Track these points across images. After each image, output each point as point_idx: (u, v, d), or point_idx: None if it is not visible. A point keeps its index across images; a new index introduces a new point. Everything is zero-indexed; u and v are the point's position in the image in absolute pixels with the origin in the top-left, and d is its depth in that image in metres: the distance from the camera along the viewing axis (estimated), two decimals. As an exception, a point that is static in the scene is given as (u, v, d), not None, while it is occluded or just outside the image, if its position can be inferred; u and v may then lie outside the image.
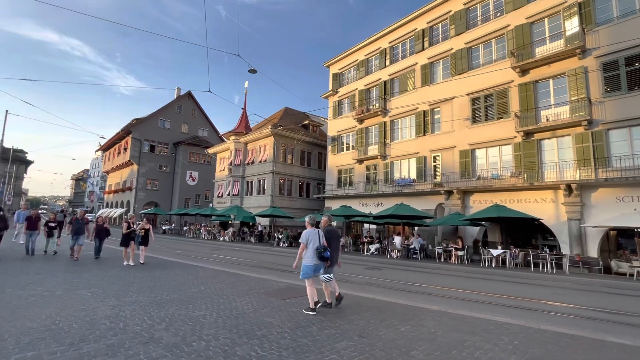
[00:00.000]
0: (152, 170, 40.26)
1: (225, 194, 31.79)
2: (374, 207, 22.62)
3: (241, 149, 30.38)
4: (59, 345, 3.60)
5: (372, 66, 25.71)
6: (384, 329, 4.66)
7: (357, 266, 13.13)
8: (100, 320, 4.49)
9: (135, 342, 3.76)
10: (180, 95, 44.30)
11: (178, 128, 42.85)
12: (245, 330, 4.39)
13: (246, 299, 6.21)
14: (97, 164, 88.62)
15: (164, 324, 4.49)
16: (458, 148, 19.24)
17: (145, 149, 39.84)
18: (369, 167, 24.51)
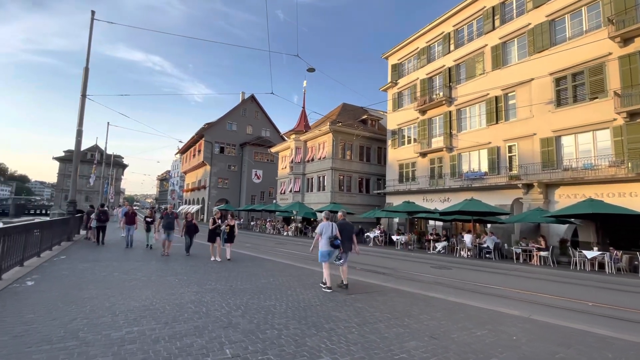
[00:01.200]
0: (223, 169, 43.87)
1: (287, 191, 33.12)
2: (439, 203, 21.37)
3: (301, 147, 31.30)
4: (156, 323, 4.14)
5: (434, 53, 24.19)
6: (457, 331, 4.37)
7: (423, 265, 12.57)
8: (186, 305, 5.04)
9: (217, 326, 4.13)
10: (245, 99, 47.35)
11: (243, 130, 45.91)
12: (313, 322, 4.51)
13: (312, 292, 6.38)
14: (177, 165, 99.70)
15: (239, 311, 4.86)
16: (538, 136, 17.05)
17: (216, 151, 43.59)
18: (433, 160, 23.20)
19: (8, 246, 6.20)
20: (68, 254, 9.89)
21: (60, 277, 6.55)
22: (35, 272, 6.88)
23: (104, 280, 6.54)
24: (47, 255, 9.15)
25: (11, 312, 4.35)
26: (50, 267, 7.56)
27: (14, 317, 4.14)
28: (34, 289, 5.56)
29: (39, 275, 6.67)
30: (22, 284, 5.85)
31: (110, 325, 4.01)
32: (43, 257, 8.79)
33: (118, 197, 68.07)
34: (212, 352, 3.36)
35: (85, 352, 3.24)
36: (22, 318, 4.12)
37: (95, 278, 6.66)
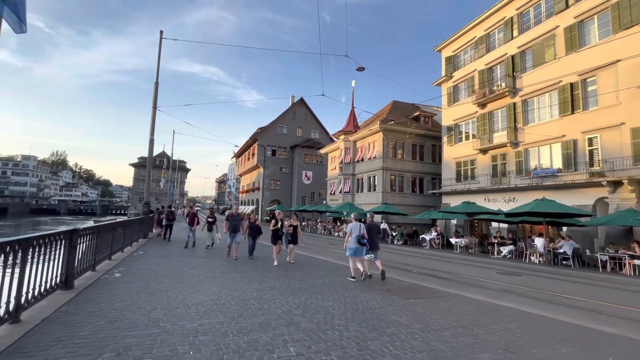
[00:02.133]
0: (275, 171, 45.59)
1: (337, 192, 33.19)
2: (503, 204, 19.62)
3: (350, 147, 31.16)
4: (224, 317, 4.39)
5: (494, 41, 22.32)
6: (537, 346, 3.92)
7: (487, 270, 11.62)
8: (249, 301, 5.26)
9: (279, 324, 4.24)
10: (294, 103, 48.68)
11: (294, 132, 47.21)
12: (373, 325, 4.40)
13: (370, 294, 6.25)
14: (233, 168, 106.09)
15: (299, 310, 4.93)
16: (628, 125, 14.72)
17: (268, 154, 45.48)
18: (495, 157, 21.40)
19: (100, 242, 7.11)
20: (145, 250, 11.04)
21: (140, 271, 7.33)
22: (120, 265, 7.79)
23: (176, 274, 7.15)
24: (128, 250, 10.33)
25: (106, 299, 4.96)
26: (132, 261, 8.50)
27: (108, 304, 4.71)
28: (121, 280, 6.29)
29: (124, 268, 7.53)
30: (112, 275, 6.65)
31: (184, 316, 4.34)
32: (125, 252, 9.94)
33: (182, 199, 74.65)
34: (277, 349, 3.44)
35: (166, 340, 3.54)
36: (114, 305, 4.67)
37: (169, 272, 7.32)
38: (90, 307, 4.51)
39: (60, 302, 4.64)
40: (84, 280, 5.90)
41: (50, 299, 4.65)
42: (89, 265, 6.44)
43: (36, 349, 3.18)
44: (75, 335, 3.54)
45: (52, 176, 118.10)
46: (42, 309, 4.27)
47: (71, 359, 3.01)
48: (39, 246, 4.12)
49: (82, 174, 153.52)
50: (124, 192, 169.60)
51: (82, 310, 4.37)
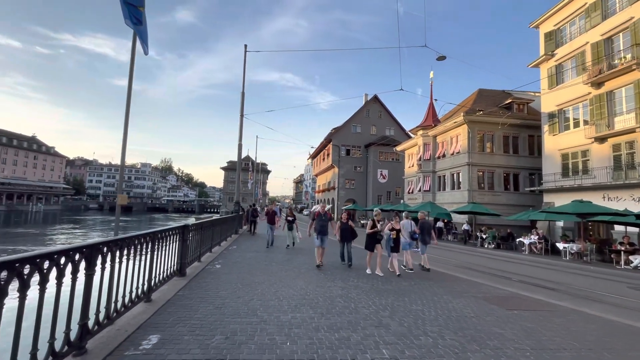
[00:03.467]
0: (349, 171, 45.79)
1: (416, 190, 31.61)
2: (632, 203, 16.00)
3: (430, 142, 29.32)
4: (314, 312, 4.53)
5: (613, 5, 18.35)
6: None
7: (612, 283, 9.61)
8: (336, 298, 5.33)
9: (368, 324, 4.18)
10: (368, 101, 48.12)
11: (368, 131, 46.69)
12: (472, 336, 4.01)
13: (462, 301, 5.74)
14: (309, 169, 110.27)
15: (387, 311, 4.80)
16: None
17: (342, 153, 45.94)
18: (617, 146, 17.57)
19: (203, 237, 8.11)
20: (237, 244, 12.22)
21: (236, 264, 8.11)
22: (219, 258, 8.76)
23: (265, 268, 7.70)
24: (224, 244, 11.57)
25: (211, 287, 5.62)
26: (228, 255, 9.47)
27: (213, 292, 5.32)
28: (221, 271, 7.05)
29: (223, 260, 8.45)
30: (214, 266, 7.52)
31: (278, 308, 4.62)
32: (222, 245, 11.15)
33: (265, 198, 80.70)
34: (370, 350, 3.39)
35: (264, 329, 3.81)
36: (218, 293, 5.25)
37: (259, 266, 7.93)
38: (200, 294, 5.15)
39: (178, 287, 5.42)
40: (193, 270, 6.79)
41: (170, 284, 5.46)
42: (195, 256, 7.40)
43: (164, 325, 3.75)
44: (192, 317, 4.08)
45: (162, 180, 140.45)
46: (165, 291, 5.05)
47: (192, 337, 3.46)
48: (161, 239, 4.88)
49: (183, 178, 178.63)
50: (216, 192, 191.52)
51: (194, 296, 5.02)
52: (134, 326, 3.64)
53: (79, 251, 2.87)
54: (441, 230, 24.76)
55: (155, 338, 3.38)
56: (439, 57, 14.63)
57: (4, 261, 2.07)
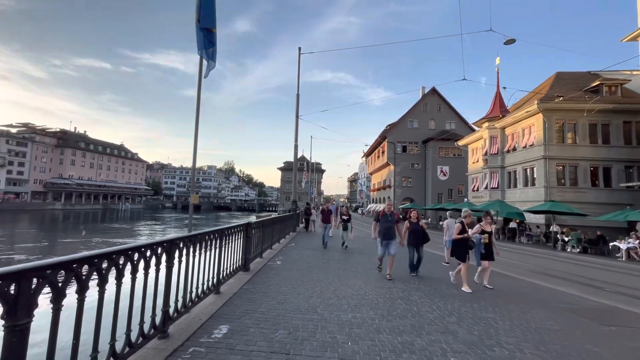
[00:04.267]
0: (406, 168, 44.13)
1: (482, 188, 29.17)
2: None
3: (497, 135, 26.79)
4: (374, 313, 4.42)
5: None
6: None
7: None
8: (397, 300, 5.15)
9: (433, 329, 3.94)
10: (425, 94, 45.80)
11: (425, 125, 44.47)
12: (558, 352, 3.53)
13: (542, 312, 5.10)
14: (363, 167, 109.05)
15: (453, 317, 4.48)
16: None
17: (398, 150, 44.46)
18: None
19: (264, 234, 8.50)
20: (296, 242, 12.57)
21: (295, 261, 8.34)
22: (279, 255, 9.10)
23: (323, 267, 7.78)
24: (283, 242, 11.99)
25: (273, 282, 5.85)
26: (287, 252, 9.79)
27: (275, 287, 5.52)
28: (282, 268, 7.31)
29: (283, 257, 8.76)
30: (275, 263, 7.83)
31: (338, 307, 4.61)
32: (281, 243, 11.58)
33: (320, 197, 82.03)
34: (436, 357, 3.20)
35: (325, 327, 3.83)
36: (280, 289, 5.43)
37: (317, 264, 8.03)
38: (263, 288, 5.39)
39: (243, 281, 5.75)
40: (255, 265, 7.15)
41: (236, 278, 5.82)
42: (257, 252, 7.79)
43: (232, 317, 3.99)
44: (256, 310, 4.28)
45: (225, 181, 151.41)
46: (232, 285, 5.39)
47: (257, 329, 3.63)
48: (227, 235, 5.22)
49: (244, 178, 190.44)
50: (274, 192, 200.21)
51: (258, 290, 5.27)
52: (207, 315, 3.94)
53: (161, 245, 3.19)
54: (514, 231, 22.59)
55: (225, 328, 3.61)
56: (507, 41, 13.27)
57: (102, 253, 2.38)
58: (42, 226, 39.03)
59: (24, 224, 40.28)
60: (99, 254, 2.33)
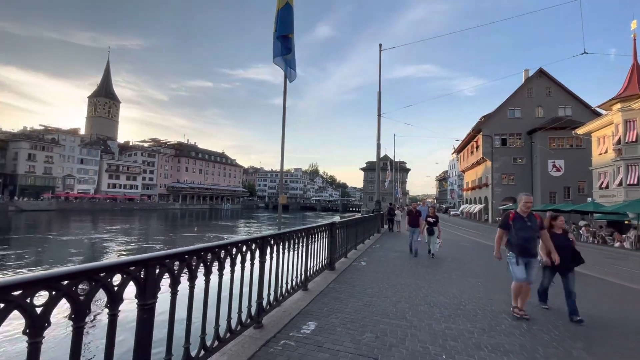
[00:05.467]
0: (506, 164, 38.80)
1: (613, 184, 23.58)
2: None
3: (636, 118, 21.30)
4: (472, 326, 3.94)
5: None
6: None
7: None
8: (500, 315, 4.49)
9: (551, 354, 3.30)
10: (530, 77, 39.48)
11: (531, 114, 38.33)
12: None
13: None
14: (454, 164, 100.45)
15: (579, 342, 3.67)
16: None
17: (496, 144, 39.40)
18: None
19: (348, 234, 8.52)
20: (380, 243, 12.28)
21: (380, 262, 8.12)
22: (364, 256, 8.99)
23: (411, 270, 7.36)
24: (367, 243, 11.84)
25: (358, 283, 5.79)
26: (372, 253, 9.61)
27: (361, 288, 5.45)
28: (367, 269, 7.20)
29: (368, 258, 8.63)
30: (359, 263, 7.77)
31: (429, 315, 4.27)
32: (366, 244, 11.45)
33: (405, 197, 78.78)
34: (557, 389, 2.64)
35: (415, 335, 3.58)
36: (366, 290, 5.34)
37: (405, 267, 7.65)
38: (349, 289, 5.38)
39: (329, 279, 5.84)
40: (340, 265, 7.21)
41: (322, 276, 5.95)
42: (342, 252, 7.84)
43: (319, 314, 4.07)
44: (343, 310, 4.28)
45: (310, 182, 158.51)
46: (318, 283, 5.53)
47: (344, 329, 3.62)
48: (313, 234, 5.37)
49: (328, 180, 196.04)
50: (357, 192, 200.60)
51: (344, 290, 5.28)
52: (296, 311, 4.11)
53: (255, 242, 3.45)
54: None
55: (312, 325, 3.70)
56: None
57: (207, 247, 2.68)
58: (167, 222, 47.36)
59: (154, 220, 49.54)
60: (204, 248, 2.63)
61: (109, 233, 30.45)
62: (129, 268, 1.94)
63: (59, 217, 47.62)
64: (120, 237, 28.25)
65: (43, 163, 63.20)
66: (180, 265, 2.37)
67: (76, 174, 69.26)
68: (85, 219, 45.11)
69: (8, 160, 60.92)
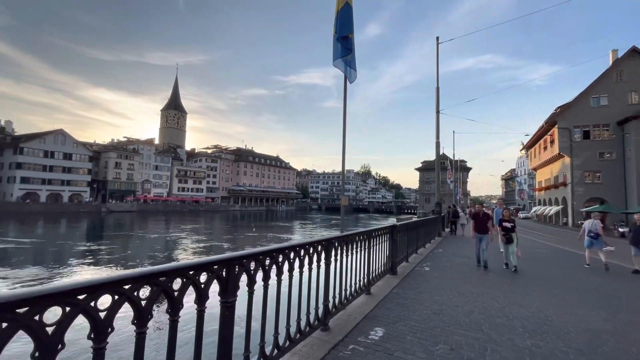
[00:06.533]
0: (590, 160, 33.84)
1: None
2: None
3: None
4: (565, 345, 3.45)
5: None
6: None
7: None
8: (601, 334, 3.86)
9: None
10: (619, 58, 34.02)
11: (621, 100, 32.94)
12: None
13: None
14: (522, 162, 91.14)
15: None
16: None
17: (576, 137, 34.63)
18: None
19: (409, 238, 8.16)
20: (443, 248, 11.56)
21: (445, 268, 7.62)
22: (427, 260, 8.54)
23: (482, 278, 6.78)
24: (428, 247, 11.24)
25: (424, 290, 5.49)
26: (435, 258, 9.08)
27: (427, 295, 5.16)
28: (431, 275, 6.80)
29: (431, 263, 8.17)
30: (422, 269, 7.38)
31: (510, 329, 3.85)
32: (427, 248, 10.87)
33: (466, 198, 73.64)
34: None
35: (496, 350, 3.25)
36: (433, 297, 5.03)
37: (474, 274, 7.07)
38: (414, 295, 5.12)
39: (391, 284, 5.64)
40: (402, 269, 6.92)
41: (384, 280, 5.77)
42: (403, 256, 7.52)
43: (386, 320, 3.93)
44: (410, 317, 4.07)
45: (363, 184, 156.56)
46: (381, 287, 5.37)
47: (414, 338, 3.43)
48: (374, 237, 5.22)
49: (380, 181, 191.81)
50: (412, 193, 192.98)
51: (409, 296, 5.04)
52: (361, 315, 4.02)
53: (320, 244, 3.45)
54: None
55: (380, 331, 3.58)
56: None
57: (278, 248, 2.74)
58: (229, 222, 50.70)
59: (217, 221, 53.39)
60: (276, 249, 2.69)
61: (183, 232, 33.70)
62: (213, 267, 2.06)
63: (139, 217, 54.02)
64: (193, 235, 31.05)
65: (126, 170, 72.30)
66: (255, 265, 2.46)
67: (152, 179, 77.97)
68: (161, 219, 50.47)
69: (100, 169, 70.96)
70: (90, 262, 17.24)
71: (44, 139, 60.42)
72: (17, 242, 23.59)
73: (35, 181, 57.89)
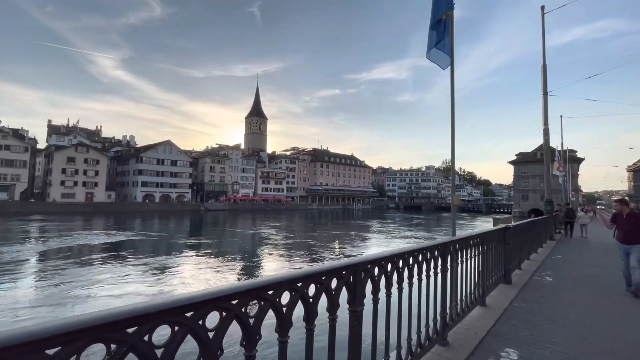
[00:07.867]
0: None
1: None
2: None
3: None
4: None
5: None
6: None
7: None
8: None
9: None
10: None
11: None
12: None
13: None
14: (658, 149, 72.77)
15: None
16: None
17: None
18: None
19: (522, 241, 7.03)
20: (561, 253, 9.76)
21: (574, 279, 6.32)
22: (544, 268, 7.25)
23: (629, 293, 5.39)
24: (541, 252, 9.60)
25: (552, 305, 4.57)
26: (555, 266, 7.66)
27: (560, 313, 4.26)
28: (556, 286, 5.69)
29: (551, 272, 6.89)
30: (542, 278, 6.26)
31: None
32: (539, 253, 9.30)
33: (577, 195, 62.19)
34: None
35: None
36: (569, 316, 4.13)
37: (618, 288, 5.66)
38: (543, 311, 4.29)
39: (508, 295, 4.86)
40: (517, 278, 5.96)
41: (498, 291, 5.01)
42: (516, 263, 6.50)
43: (515, 339, 3.32)
44: (548, 340, 3.37)
45: (445, 180, 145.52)
46: (495, 298, 4.66)
47: (564, 370, 2.79)
48: (488, 241, 4.54)
49: (465, 177, 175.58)
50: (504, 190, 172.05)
51: (536, 311, 4.25)
52: (482, 330, 3.49)
53: (437, 248, 3.07)
54: None
55: (514, 353, 3.02)
56: None
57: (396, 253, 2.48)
58: (308, 220, 52.69)
59: (298, 218, 55.96)
60: (396, 254, 2.42)
61: (272, 229, 36.55)
62: (342, 272, 1.90)
63: (231, 215, 60.17)
64: (282, 232, 33.40)
65: (219, 173, 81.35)
66: (378, 271, 2.24)
67: (240, 180, 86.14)
68: (248, 217, 55.38)
69: (198, 172, 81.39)
70: (206, 254, 20.21)
71: (156, 149, 72.15)
72: (146, 234, 28.80)
73: (151, 184, 69.40)
